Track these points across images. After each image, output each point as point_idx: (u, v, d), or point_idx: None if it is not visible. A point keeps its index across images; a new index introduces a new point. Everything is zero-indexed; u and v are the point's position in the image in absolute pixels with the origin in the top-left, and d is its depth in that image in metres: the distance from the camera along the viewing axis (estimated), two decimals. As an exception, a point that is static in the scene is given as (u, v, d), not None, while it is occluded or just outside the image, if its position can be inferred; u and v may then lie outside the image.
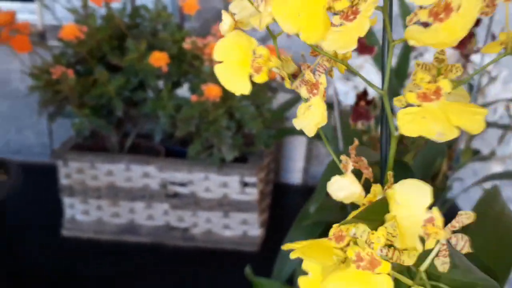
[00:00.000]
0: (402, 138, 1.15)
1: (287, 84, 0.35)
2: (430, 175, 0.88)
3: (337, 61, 0.33)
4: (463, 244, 0.25)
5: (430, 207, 0.24)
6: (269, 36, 0.32)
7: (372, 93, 0.82)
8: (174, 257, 1.13)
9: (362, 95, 0.76)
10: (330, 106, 1.06)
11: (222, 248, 1.14)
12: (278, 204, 1.31)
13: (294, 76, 0.36)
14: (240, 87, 0.30)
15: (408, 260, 0.24)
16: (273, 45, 0.33)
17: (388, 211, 0.26)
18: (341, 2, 0.26)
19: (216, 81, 1.00)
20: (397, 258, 0.24)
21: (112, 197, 1.14)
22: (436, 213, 0.23)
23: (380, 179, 0.38)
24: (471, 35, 0.73)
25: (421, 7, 0.28)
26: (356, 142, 0.40)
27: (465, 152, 0.99)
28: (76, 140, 1.13)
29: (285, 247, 0.27)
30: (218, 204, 1.12)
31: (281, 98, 1.12)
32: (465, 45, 0.75)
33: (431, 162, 0.87)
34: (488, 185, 1.47)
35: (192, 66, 1.06)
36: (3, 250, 0.97)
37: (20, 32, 0.93)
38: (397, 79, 1.00)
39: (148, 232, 1.16)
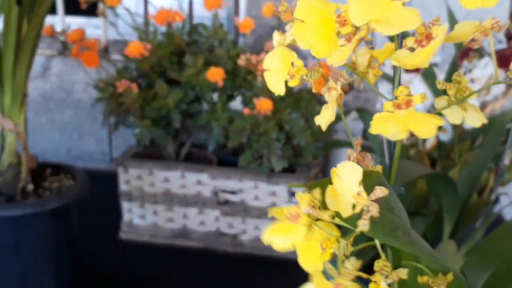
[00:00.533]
0: (449, 153, 1.18)
1: (314, 88, 0.42)
2: (475, 189, 0.90)
3: (359, 76, 0.38)
4: (375, 211, 0.31)
5: (360, 184, 0.32)
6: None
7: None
8: (223, 262, 1.19)
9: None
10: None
11: (270, 255, 1.19)
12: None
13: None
14: (278, 89, 0.38)
15: (325, 217, 0.33)
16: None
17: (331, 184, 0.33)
18: (346, 28, 0.33)
19: (267, 95, 1.06)
20: (318, 214, 0.32)
21: (168, 203, 1.21)
22: (361, 188, 0.32)
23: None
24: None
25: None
26: (360, 139, 0.46)
27: (510, 167, 1.00)
28: (136, 149, 1.21)
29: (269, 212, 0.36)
30: (267, 212, 1.17)
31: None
32: (508, 64, 0.77)
33: (477, 177, 0.89)
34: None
35: (245, 81, 1.12)
36: (70, 251, 1.05)
37: (89, 49, 1.02)
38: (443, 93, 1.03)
39: (199, 237, 1.23)
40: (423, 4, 1.37)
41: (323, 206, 0.33)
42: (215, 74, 1.02)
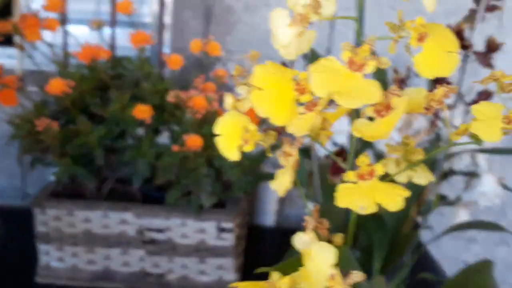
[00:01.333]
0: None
1: (268, 152, 0.41)
2: (402, 223, 0.93)
3: (313, 139, 0.38)
4: None
5: (334, 265, 0.30)
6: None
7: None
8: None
9: (340, 152, 0.80)
10: (308, 153, 1.10)
11: (198, 294, 1.16)
12: (253, 247, 1.34)
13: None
14: (232, 155, 0.36)
15: None
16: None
17: (302, 265, 0.32)
18: (305, 96, 0.32)
19: (197, 130, 1.03)
20: None
21: (88, 244, 1.14)
22: (336, 271, 0.29)
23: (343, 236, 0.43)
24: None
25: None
26: (317, 207, 0.46)
27: (435, 199, 1.04)
28: (54, 187, 1.14)
29: (232, 285, 0.34)
30: (195, 250, 1.14)
31: (259, 146, 1.16)
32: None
33: (404, 210, 0.92)
34: (457, 234, 1.52)
35: (173, 116, 1.09)
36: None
37: (7, 86, 0.95)
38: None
39: (123, 279, 1.17)
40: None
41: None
42: (143, 111, 0.99)
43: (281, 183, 0.35)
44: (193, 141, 0.99)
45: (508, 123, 0.33)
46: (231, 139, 0.36)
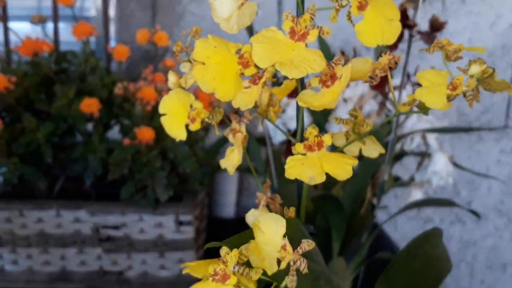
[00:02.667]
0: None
1: (216, 131, 0.40)
2: (359, 204, 0.94)
3: (260, 115, 0.37)
4: (303, 266, 0.29)
5: (284, 236, 0.29)
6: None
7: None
8: (110, 301, 1.11)
9: (295, 135, 0.80)
10: (262, 141, 1.10)
11: (159, 288, 1.14)
12: (214, 240, 1.33)
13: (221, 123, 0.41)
14: (179, 134, 0.35)
15: (255, 276, 0.29)
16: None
17: (254, 238, 0.31)
18: (249, 69, 0.31)
19: (148, 123, 1.01)
20: (247, 273, 0.29)
21: (42, 245, 1.11)
22: (287, 241, 0.29)
23: (296, 213, 0.42)
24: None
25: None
26: (269, 182, 0.45)
27: (388, 180, 1.06)
28: (3, 188, 1.10)
29: (182, 265, 0.33)
30: (153, 245, 1.12)
31: (213, 136, 1.15)
32: (384, 86, 0.81)
33: (359, 193, 0.93)
34: (413, 215, 1.56)
35: (122, 109, 1.06)
36: None
37: None
38: (322, 115, 1.06)
39: (81, 278, 1.14)
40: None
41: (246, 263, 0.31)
42: (90, 105, 0.96)
43: (231, 160, 0.35)
44: (145, 133, 0.96)
45: (452, 90, 0.33)
46: (177, 118, 0.35)
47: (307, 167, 0.31)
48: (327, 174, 0.43)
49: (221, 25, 0.32)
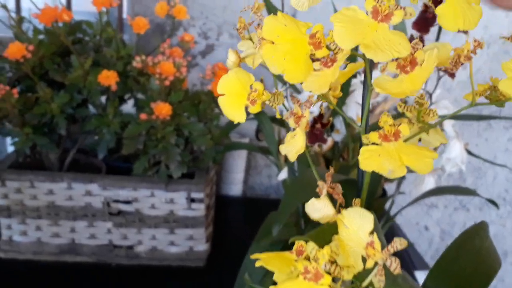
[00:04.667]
0: (342, 153, 1.20)
1: (277, 114, 0.38)
2: (376, 191, 0.93)
3: (322, 99, 0.36)
4: (395, 266, 0.28)
5: (371, 232, 0.28)
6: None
7: (327, 115, 0.85)
8: (118, 275, 1.11)
9: (319, 118, 0.79)
10: (280, 121, 1.08)
11: (168, 265, 1.14)
12: (221, 218, 1.33)
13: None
14: (237, 116, 0.33)
15: (347, 276, 0.28)
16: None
17: (336, 233, 0.29)
18: (322, 51, 0.29)
19: (164, 98, 0.99)
20: (338, 273, 0.27)
21: (52, 217, 1.10)
22: (375, 238, 0.27)
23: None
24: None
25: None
26: (332, 169, 0.44)
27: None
28: (14, 159, 1.08)
29: (253, 256, 0.30)
30: (164, 221, 1.12)
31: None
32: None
33: (377, 179, 0.92)
34: (426, 201, 1.54)
35: (137, 83, 1.04)
36: None
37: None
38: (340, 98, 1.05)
39: (90, 252, 1.13)
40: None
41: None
42: (108, 77, 0.94)
43: (293, 146, 0.33)
44: (162, 109, 0.95)
45: None
46: (237, 99, 0.33)
47: (385, 159, 0.29)
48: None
49: (292, 2, 0.31)
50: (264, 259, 0.30)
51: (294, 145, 0.33)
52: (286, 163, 1.03)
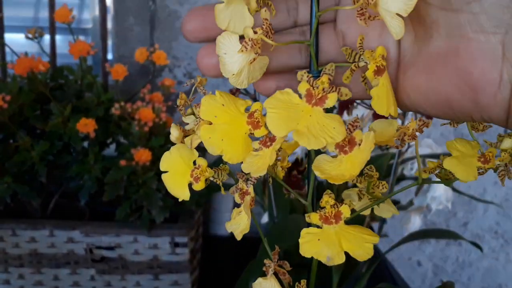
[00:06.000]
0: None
1: (222, 191, 0.37)
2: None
3: (270, 173, 0.35)
4: None
5: None
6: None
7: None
8: (102, 322, 1.09)
9: (295, 165, 0.78)
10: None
11: (153, 310, 1.12)
12: (209, 259, 1.31)
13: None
14: (181, 194, 0.32)
15: None
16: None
17: None
18: (260, 130, 0.29)
19: (145, 144, 0.98)
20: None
21: (35, 265, 1.08)
22: None
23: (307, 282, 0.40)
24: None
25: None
26: (278, 249, 0.43)
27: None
28: (-5, 207, 1.07)
29: None
30: (148, 266, 1.10)
31: (211, 157, 1.13)
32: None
33: (360, 219, 0.91)
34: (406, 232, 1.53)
35: (119, 127, 1.04)
36: None
37: None
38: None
39: (73, 299, 1.11)
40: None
41: None
42: (86, 125, 0.94)
43: (238, 224, 0.32)
44: (142, 155, 0.94)
45: (484, 162, 0.31)
46: (180, 176, 0.33)
47: (324, 245, 0.28)
48: None
49: (230, 80, 0.30)
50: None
51: (239, 223, 0.32)
52: (264, 208, 1.02)
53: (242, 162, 0.30)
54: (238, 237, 0.32)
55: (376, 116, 0.79)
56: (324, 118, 0.27)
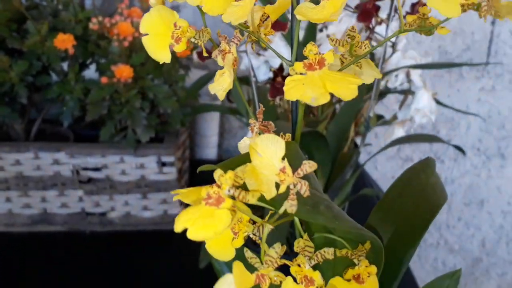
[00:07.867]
0: (311, 110, 1.20)
1: (204, 52, 0.37)
2: (343, 143, 0.93)
3: (253, 35, 0.35)
4: (305, 189, 0.27)
5: (283, 158, 0.27)
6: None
7: (287, 69, 0.84)
8: (92, 243, 1.11)
9: (279, 71, 0.78)
10: (246, 80, 1.07)
11: (143, 229, 1.14)
12: (197, 182, 1.32)
13: (208, 52, 0.38)
14: (162, 56, 0.32)
15: (252, 199, 0.28)
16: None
17: (250, 162, 0.29)
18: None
19: (126, 61, 0.97)
20: (243, 197, 0.27)
21: (22, 188, 1.09)
22: (286, 163, 0.27)
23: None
24: (376, 9, 0.77)
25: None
26: (262, 107, 0.43)
27: (372, 118, 1.05)
28: (-23, 131, 1.06)
29: (173, 192, 0.31)
30: (136, 186, 1.11)
31: (193, 76, 1.12)
32: (370, 18, 0.79)
33: (344, 130, 0.92)
34: (393, 155, 1.56)
35: (98, 47, 1.02)
36: None
37: None
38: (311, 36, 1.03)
39: (63, 221, 1.13)
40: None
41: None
42: (64, 41, 0.91)
43: (221, 84, 0.32)
44: (123, 71, 0.93)
45: None
46: (161, 38, 0.32)
47: (308, 87, 0.28)
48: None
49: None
50: (182, 194, 0.29)
51: (222, 83, 0.32)
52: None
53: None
54: (222, 96, 0.32)
55: None
56: None
